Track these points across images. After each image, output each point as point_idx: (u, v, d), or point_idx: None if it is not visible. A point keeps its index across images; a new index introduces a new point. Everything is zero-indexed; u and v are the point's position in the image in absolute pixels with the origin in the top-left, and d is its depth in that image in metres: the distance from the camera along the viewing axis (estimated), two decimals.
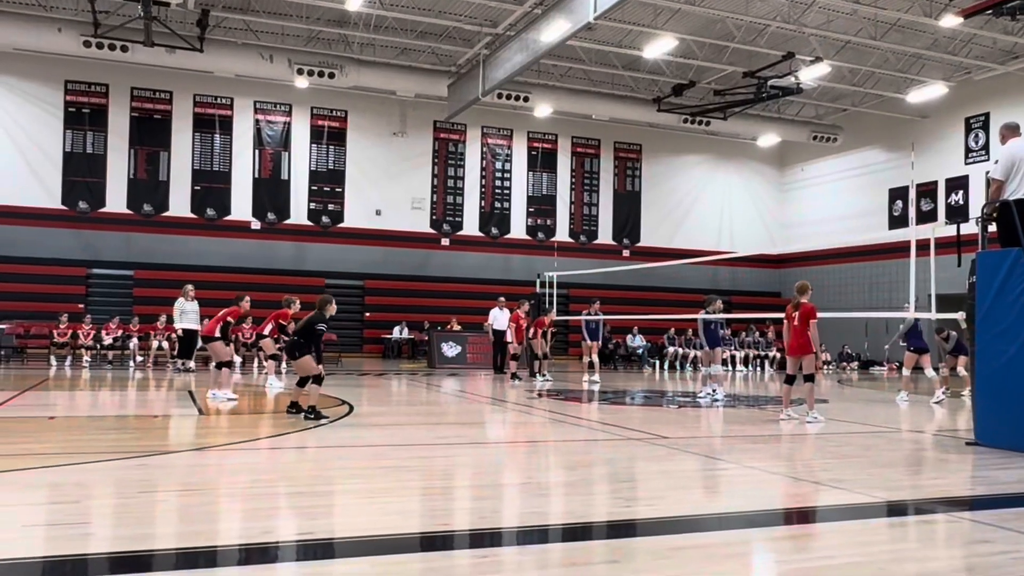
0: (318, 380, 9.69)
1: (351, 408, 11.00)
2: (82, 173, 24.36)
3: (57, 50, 21.72)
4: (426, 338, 23.96)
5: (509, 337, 18.37)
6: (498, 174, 28.97)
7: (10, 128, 23.70)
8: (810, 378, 10.36)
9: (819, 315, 10.45)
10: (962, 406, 13.06)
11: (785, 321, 10.75)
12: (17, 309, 21.53)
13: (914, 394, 14.61)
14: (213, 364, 12.10)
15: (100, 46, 20.45)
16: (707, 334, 13.85)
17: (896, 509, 5.54)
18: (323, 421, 9.34)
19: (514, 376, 17.52)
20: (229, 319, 12.06)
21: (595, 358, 17.51)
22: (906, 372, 14.42)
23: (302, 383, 9.86)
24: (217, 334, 11.85)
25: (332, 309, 10.06)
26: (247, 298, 12.40)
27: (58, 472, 6.06)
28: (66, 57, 22.75)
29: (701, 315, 13.84)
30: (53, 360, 19.56)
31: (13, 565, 3.81)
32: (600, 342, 18.52)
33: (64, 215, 24.08)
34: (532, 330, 18.15)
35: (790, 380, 10.63)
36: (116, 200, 24.67)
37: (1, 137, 23.62)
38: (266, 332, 14.66)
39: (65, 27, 20.62)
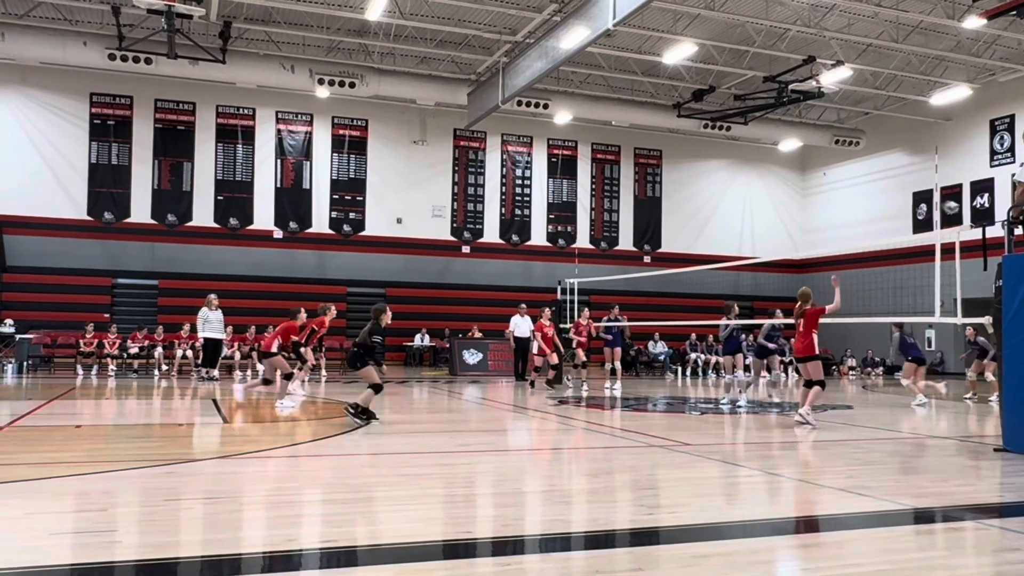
0: (377, 389, 10.12)
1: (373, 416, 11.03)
2: (107, 184, 24.66)
3: (82, 63, 22.02)
4: (447, 345, 23.99)
5: (535, 349, 18.01)
6: (518, 181, 29.00)
7: (37, 140, 24.03)
8: (819, 383, 10.32)
9: (844, 320, 10.43)
10: (989, 411, 12.88)
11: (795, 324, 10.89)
12: (44, 319, 21.81)
13: (934, 398, 14.44)
14: (280, 375, 12.39)
15: (125, 59, 20.72)
16: (727, 340, 13.85)
17: (923, 516, 5.48)
18: (374, 423, 9.75)
19: (547, 382, 17.42)
20: (293, 337, 12.45)
21: (617, 364, 17.45)
22: (905, 382, 14.34)
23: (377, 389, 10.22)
24: (274, 349, 12.23)
25: (387, 318, 10.46)
26: (302, 311, 12.77)
27: (85, 480, 6.12)
28: (91, 70, 23.06)
29: (723, 321, 13.86)
30: (79, 369, 19.78)
31: (42, 572, 3.86)
32: (621, 348, 18.45)
33: (90, 226, 24.38)
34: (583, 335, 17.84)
35: (809, 384, 10.60)
36: (141, 210, 24.95)
37: (28, 149, 23.97)
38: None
39: (90, 40, 20.90)
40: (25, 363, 19.93)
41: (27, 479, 6.10)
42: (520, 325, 20.13)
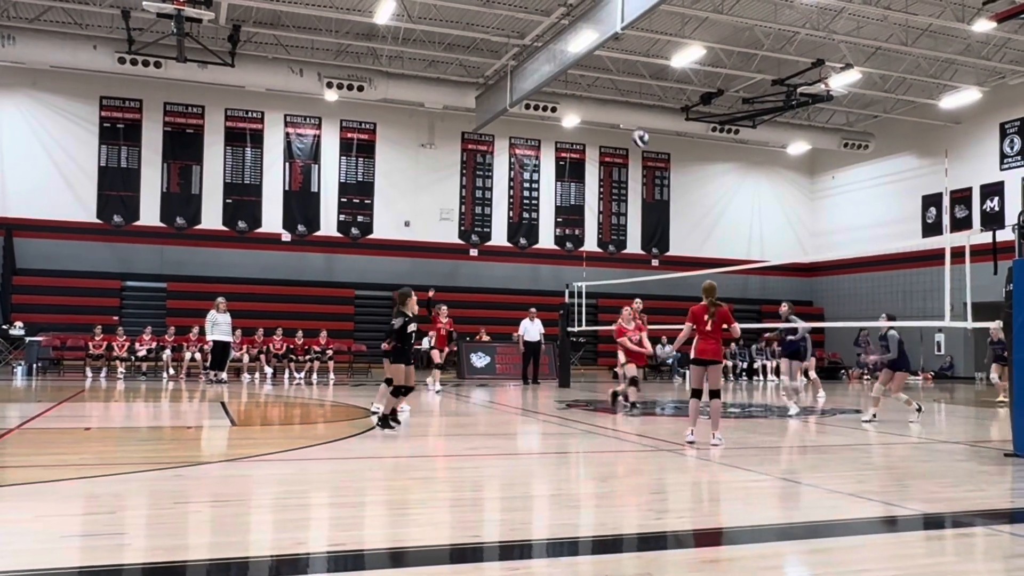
0: (396, 391, 9.59)
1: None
2: (117, 187, 24.74)
3: (92, 67, 22.12)
4: (455, 349, 23.99)
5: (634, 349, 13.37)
6: (526, 184, 29.00)
7: (47, 144, 24.14)
8: (717, 394, 8.96)
9: (856, 324, 10.29)
10: (997, 416, 12.81)
11: (692, 324, 9.16)
12: (54, 321, 21.88)
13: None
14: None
15: (134, 62, 20.81)
16: (792, 344, 13.04)
17: (933, 522, 5.45)
18: (389, 431, 9.34)
19: (633, 405, 13.04)
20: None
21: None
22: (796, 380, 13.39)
23: (396, 391, 9.77)
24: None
25: (413, 303, 9.87)
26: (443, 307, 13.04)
27: (94, 483, 6.14)
28: (101, 74, 23.14)
29: (800, 324, 12.97)
30: (88, 372, 19.85)
31: (51, 575, 3.87)
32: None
33: (99, 228, 24.47)
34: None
35: (699, 394, 9.03)
36: (150, 213, 25.03)
37: (39, 153, 24.08)
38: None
39: (100, 44, 20.99)
40: (35, 365, 20.01)
41: (37, 481, 6.12)
42: (530, 329, 20.14)
